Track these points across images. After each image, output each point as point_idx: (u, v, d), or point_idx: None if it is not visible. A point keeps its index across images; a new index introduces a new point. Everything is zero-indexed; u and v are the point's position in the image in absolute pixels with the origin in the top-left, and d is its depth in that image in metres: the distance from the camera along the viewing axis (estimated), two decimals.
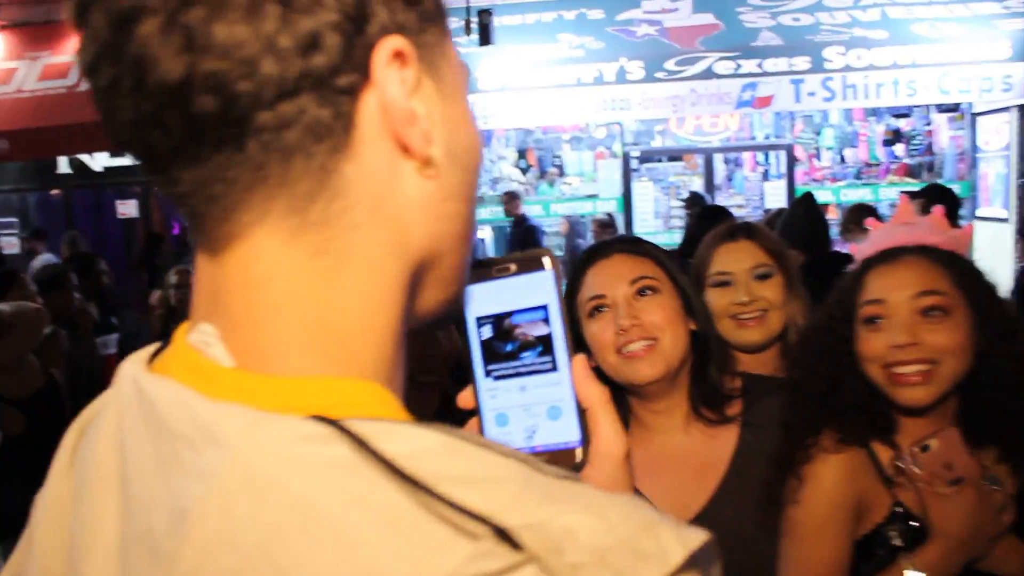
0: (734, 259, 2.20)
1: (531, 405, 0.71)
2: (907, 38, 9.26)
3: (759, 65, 9.27)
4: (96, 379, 5.31)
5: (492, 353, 0.72)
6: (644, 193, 11.31)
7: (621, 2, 9.94)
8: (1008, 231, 10.44)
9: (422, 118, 0.58)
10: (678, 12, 9.87)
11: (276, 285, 0.56)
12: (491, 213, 10.29)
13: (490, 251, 10.62)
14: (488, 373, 0.72)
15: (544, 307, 0.70)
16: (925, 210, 5.33)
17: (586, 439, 0.69)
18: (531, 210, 10.18)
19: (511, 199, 9.81)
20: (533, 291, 0.71)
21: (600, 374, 1.68)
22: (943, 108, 10.99)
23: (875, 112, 11.17)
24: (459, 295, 0.67)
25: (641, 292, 1.68)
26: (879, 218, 3.05)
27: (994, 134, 10.67)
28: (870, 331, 1.58)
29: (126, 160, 11.18)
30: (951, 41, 9.20)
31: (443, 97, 0.61)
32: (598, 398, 0.69)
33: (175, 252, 9.55)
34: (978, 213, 11.00)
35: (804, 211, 4.96)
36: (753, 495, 1.61)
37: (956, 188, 11.01)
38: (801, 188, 11.20)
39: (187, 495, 0.51)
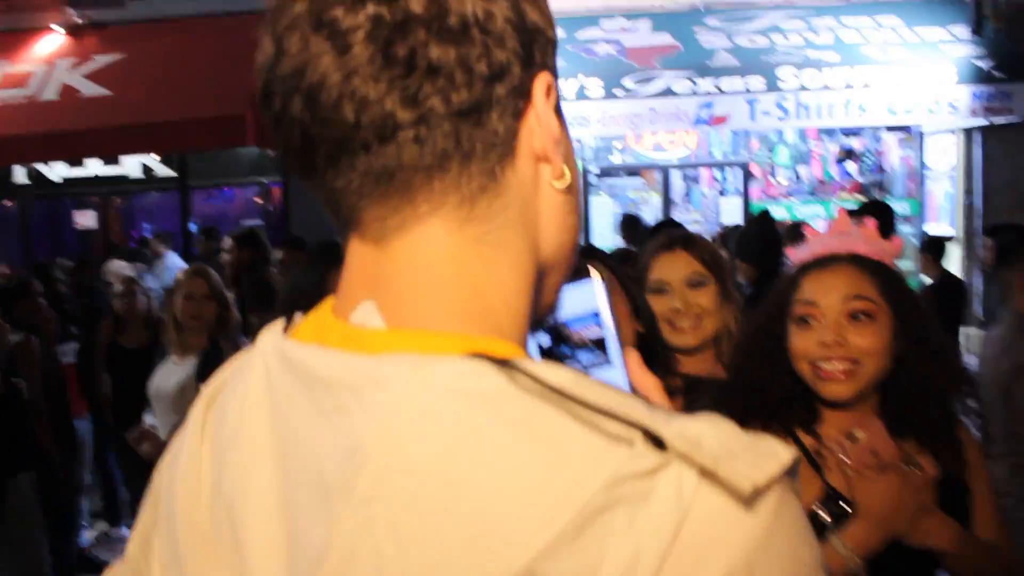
0: (670, 268, 2.32)
1: None
2: (858, 60, 9.47)
3: (716, 84, 9.41)
4: (60, 386, 5.32)
5: (553, 358, 0.79)
6: (602, 208, 11.49)
7: (581, 20, 10.09)
8: (955, 248, 10.73)
9: (563, 141, 0.69)
10: (637, 32, 10.04)
11: (442, 267, 0.64)
12: None
13: None
14: None
15: (595, 312, 0.79)
16: None
17: None
18: None
19: None
20: (584, 299, 0.79)
21: None
22: (893, 128, 11.28)
23: (828, 131, 11.42)
24: (557, 304, 0.76)
25: None
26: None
27: (941, 154, 10.99)
28: (802, 330, 1.70)
29: (84, 171, 11.13)
30: (900, 64, 9.44)
31: (563, 129, 0.71)
32: (653, 386, 0.76)
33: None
34: (926, 230, 11.29)
35: (759, 228, 5.15)
36: None
37: (905, 206, 11.31)
38: (757, 205, 11.42)
39: (357, 433, 0.58)
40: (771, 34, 9.97)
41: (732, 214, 11.42)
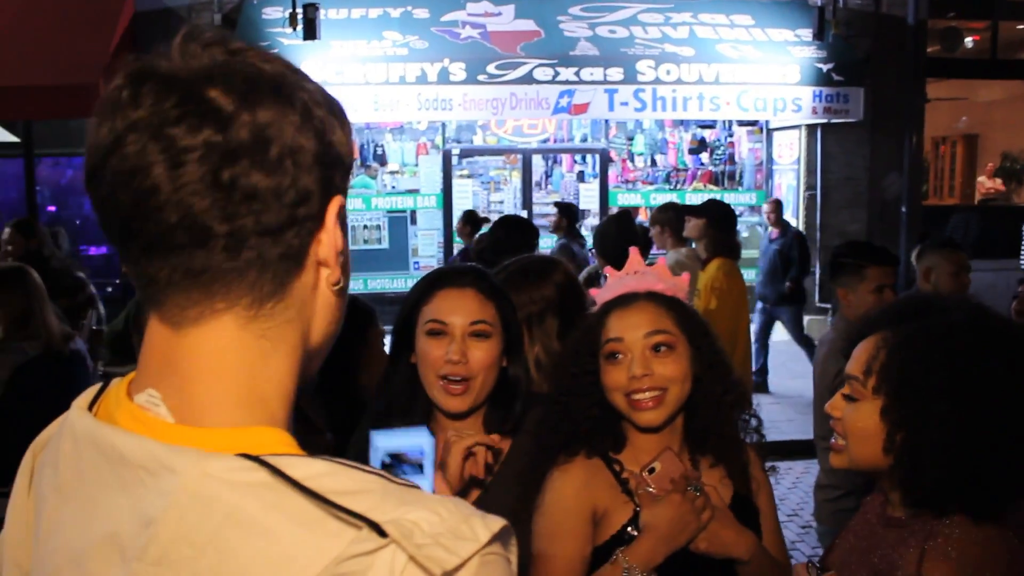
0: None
1: None
2: (712, 57, 9.81)
3: (576, 73, 9.55)
4: None
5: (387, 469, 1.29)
6: (463, 189, 11.59)
7: (446, 3, 10.10)
8: None
9: (344, 252, 0.83)
10: (501, 17, 10.14)
11: (230, 356, 0.77)
12: None
13: None
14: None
15: (421, 449, 1.59)
16: (706, 229, 5.84)
17: None
18: (350, 204, 10.20)
19: None
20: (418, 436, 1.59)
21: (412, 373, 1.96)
22: (743, 122, 11.79)
23: (683, 121, 11.83)
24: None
25: (475, 335, 1.92)
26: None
27: (786, 149, 11.57)
28: (612, 365, 1.87)
29: None
30: (750, 63, 9.84)
31: (344, 241, 0.84)
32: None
33: None
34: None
35: (616, 228, 5.37)
36: (513, 488, 1.89)
37: (753, 197, 11.86)
38: (614, 191, 11.78)
39: (151, 507, 0.70)
40: (631, 26, 10.22)
41: (590, 198, 11.74)
